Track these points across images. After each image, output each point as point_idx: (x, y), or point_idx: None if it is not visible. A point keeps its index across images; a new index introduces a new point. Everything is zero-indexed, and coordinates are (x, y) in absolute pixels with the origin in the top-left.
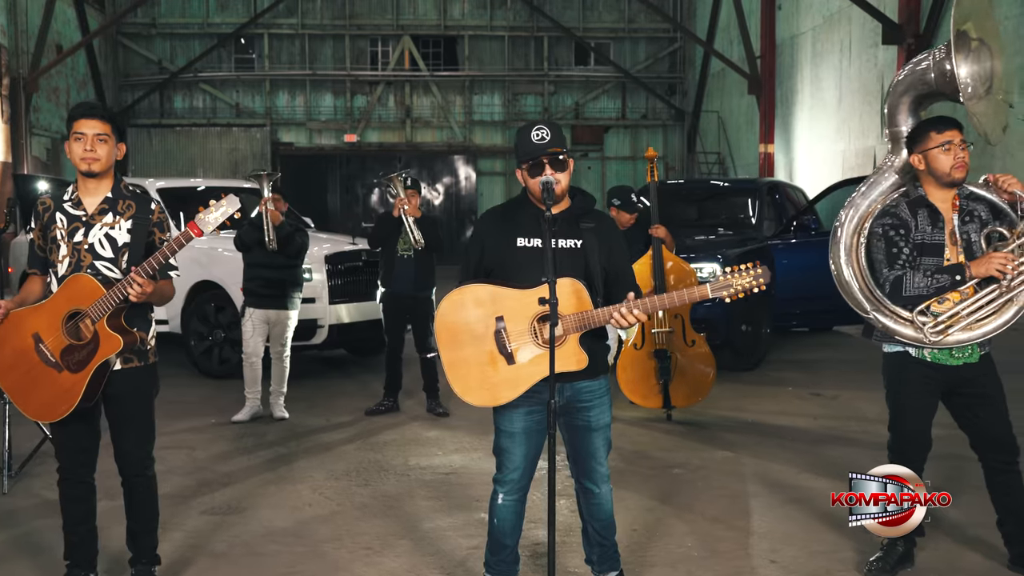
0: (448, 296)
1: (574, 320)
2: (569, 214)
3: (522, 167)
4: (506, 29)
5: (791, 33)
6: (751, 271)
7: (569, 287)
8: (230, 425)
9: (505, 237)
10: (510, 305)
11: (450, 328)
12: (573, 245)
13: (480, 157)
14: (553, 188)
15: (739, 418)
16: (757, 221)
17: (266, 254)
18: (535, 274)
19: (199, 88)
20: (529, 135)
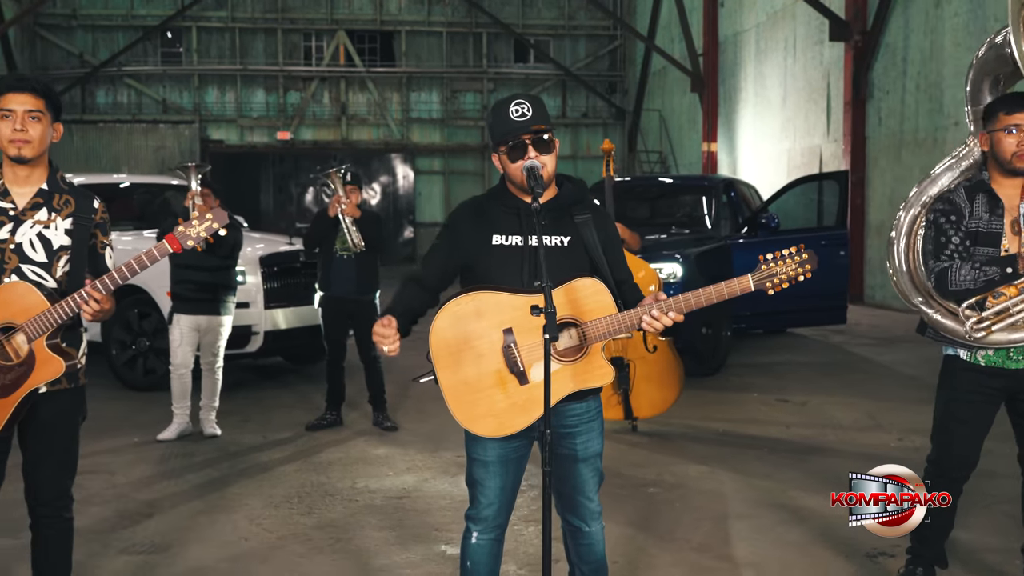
0: (445, 308)
1: (600, 326)
2: (556, 205)
3: (499, 150)
4: (444, 25)
5: (734, 30)
6: (796, 256)
7: (590, 288)
8: (155, 444)
9: (479, 234)
10: (520, 315)
11: (449, 346)
12: (560, 242)
13: (418, 155)
14: (539, 173)
15: (708, 428)
16: (714, 219)
17: (195, 254)
18: (513, 277)
19: (123, 83)
20: (507, 112)
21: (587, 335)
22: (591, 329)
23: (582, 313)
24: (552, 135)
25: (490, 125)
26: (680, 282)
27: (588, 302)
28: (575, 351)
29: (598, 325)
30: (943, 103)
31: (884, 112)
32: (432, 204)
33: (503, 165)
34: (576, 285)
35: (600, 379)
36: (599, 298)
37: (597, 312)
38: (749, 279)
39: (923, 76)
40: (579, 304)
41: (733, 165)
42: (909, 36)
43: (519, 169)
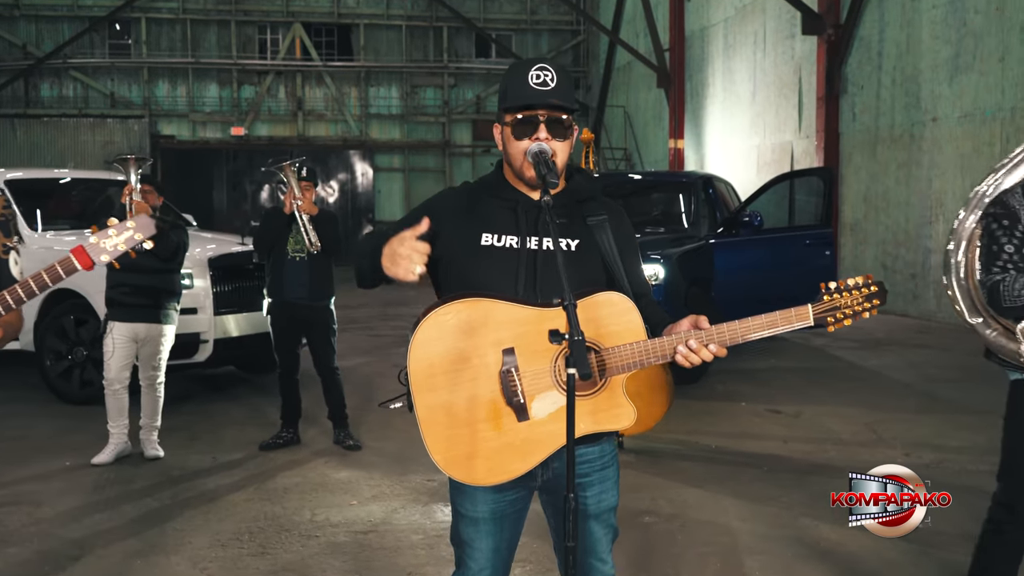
0: (431, 315)
1: (624, 355)
2: (564, 201)
3: (505, 121)
4: (403, 18)
5: (701, 25)
6: (864, 288)
7: (617, 306)
8: (89, 469)
9: (465, 231)
10: (526, 332)
11: (432, 364)
12: (567, 246)
13: (377, 152)
14: (549, 160)
15: (699, 444)
16: (693, 218)
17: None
18: (505, 286)
19: (69, 75)
20: (525, 74)
21: (607, 365)
22: (613, 358)
23: (602, 337)
24: (574, 119)
25: (502, 89)
26: (662, 284)
27: (611, 323)
28: (590, 384)
29: (622, 353)
30: (920, 98)
31: (859, 107)
32: (392, 202)
33: (504, 142)
34: (598, 301)
35: (620, 420)
36: (625, 319)
37: (621, 337)
38: (809, 311)
39: (899, 70)
40: (599, 325)
41: (701, 162)
42: (885, 29)
43: (522, 152)
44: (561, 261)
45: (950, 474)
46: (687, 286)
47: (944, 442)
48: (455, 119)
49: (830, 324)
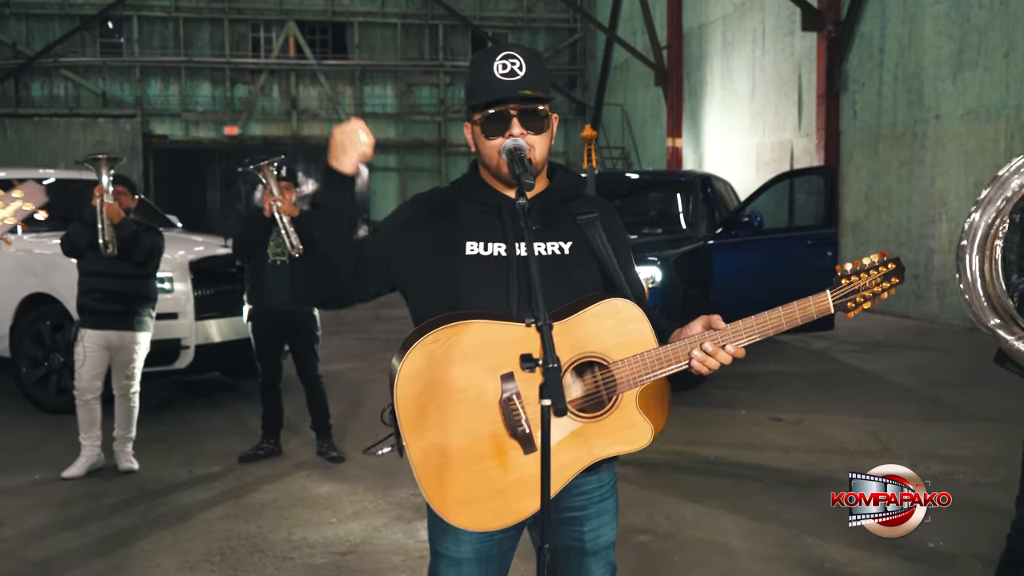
0: (416, 346)
1: (634, 367)
2: (549, 200)
3: (474, 119)
4: (398, 16)
5: (699, 22)
6: (880, 267)
7: (623, 313)
8: (59, 483)
9: (445, 240)
10: (523, 352)
11: (421, 400)
12: (559, 250)
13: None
14: (524, 157)
15: (697, 455)
16: (691, 218)
17: (105, 260)
18: (496, 301)
19: (60, 74)
20: (491, 65)
21: (617, 380)
22: (623, 371)
23: (609, 350)
24: (550, 109)
25: (467, 84)
26: (659, 287)
27: (618, 334)
28: (596, 404)
29: (633, 366)
30: (923, 95)
31: (860, 105)
32: (387, 202)
33: (475, 140)
34: (602, 310)
35: (636, 440)
36: (633, 328)
37: (630, 348)
38: (828, 298)
39: (901, 67)
40: (605, 337)
41: (699, 161)
42: (886, 25)
43: (496, 149)
44: (536, 273)
45: (961, 487)
46: (685, 289)
47: (951, 452)
48: (451, 118)
49: (850, 309)
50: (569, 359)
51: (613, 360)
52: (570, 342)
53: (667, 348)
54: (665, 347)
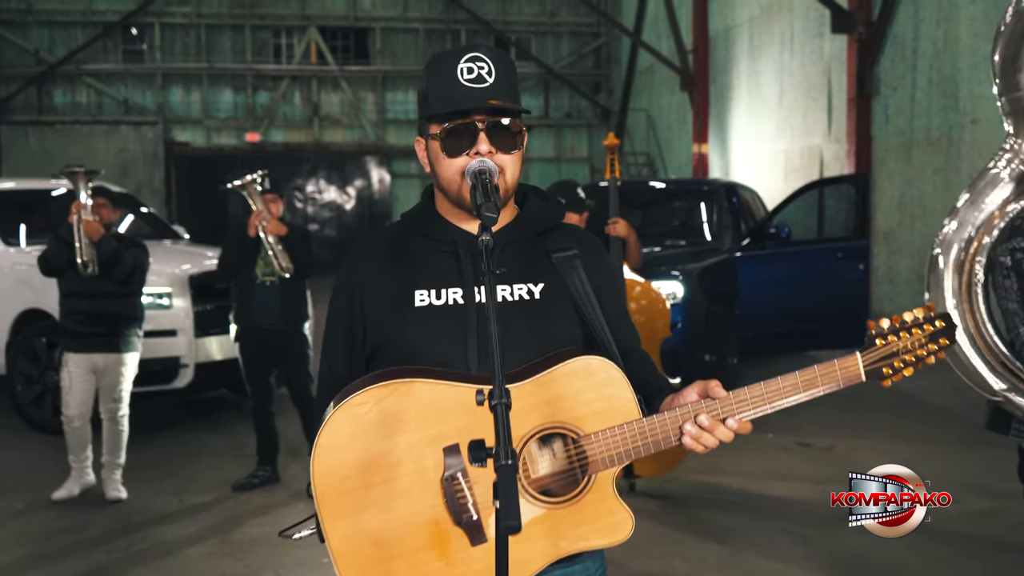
0: (339, 410)
1: (611, 442)
2: (519, 233)
3: (430, 133)
4: (421, 21)
5: (726, 25)
6: (926, 325)
7: (599, 374)
8: (42, 513)
9: (390, 288)
10: (472, 421)
11: (346, 477)
12: (527, 293)
13: (394, 158)
14: (490, 183)
15: (720, 486)
16: (715, 229)
17: (85, 280)
18: (453, 355)
19: (82, 82)
20: (454, 68)
21: (589, 458)
22: (596, 447)
23: (580, 420)
24: (522, 123)
25: (422, 91)
26: (681, 303)
27: (591, 399)
28: (568, 483)
29: (608, 441)
30: (959, 99)
31: (892, 109)
32: (409, 208)
33: (432, 161)
34: (571, 370)
35: (613, 532)
36: (609, 393)
37: (606, 417)
38: (858, 363)
39: (936, 70)
40: (575, 403)
41: (725, 167)
42: (920, 26)
43: (459, 171)
44: (496, 332)
45: (1011, 527)
46: (708, 304)
47: (997, 484)
48: None
49: (886, 377)
50: (532, 429)
51: (585, 433)
52: (536, 407)
53: (653, 420)
54: (650, 419)
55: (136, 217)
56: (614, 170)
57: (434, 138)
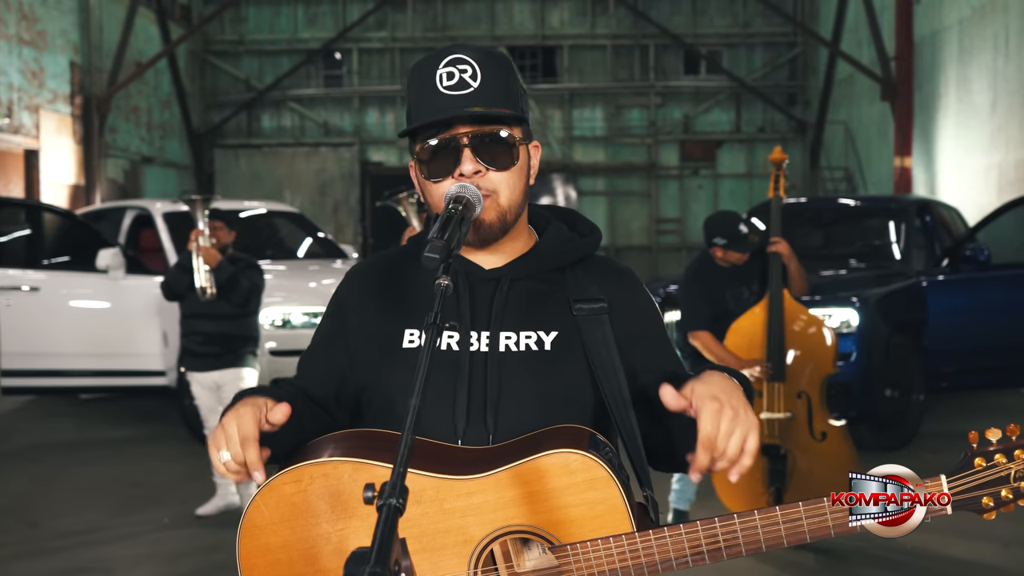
0: (271, 486)
1: (591, 560)
2: (529, 269)
3: (414, 152)
4: (609, 38)
5: (932, 29)
6: None
7: (580, 475)
8: (176, 532)
9: (380, 327)
10: (424, 511)
11: (273, 566)
12: (534, 345)
13: (580, 176)
14: (458, 213)
15: (891, 542)
16: (904, 250)
17: (204, 302)
18: (437, 413)
19: (287, 107)
20: (432, 75)
21: (563, 572)
22: (575, 562)
23: (557, 524)
24: (521, 133)
25: (407, 103)
26: (856, 333)
27: (571, 502)
28: None
29: (590, 556)
30: None
31: None
32: None
33: (421, 185)
34: (548, 466)
35: None
36: (591, 497)
37: (587, 525)
38: (943, 487)
39: None
40: (554, 506)
41: (931, 182)
42: None
43: (443, 196)
44: (416, 405)
45: None
46: (889, 333)
47: None
48: (661, 140)
49: (988, 510)
50: (499, 529)
51: (560, 542)
52: (509, 502)
53: (648, 537)
54: (645, 535)
55: (312, 239)
56: (778, 187)
57: (417, 159)
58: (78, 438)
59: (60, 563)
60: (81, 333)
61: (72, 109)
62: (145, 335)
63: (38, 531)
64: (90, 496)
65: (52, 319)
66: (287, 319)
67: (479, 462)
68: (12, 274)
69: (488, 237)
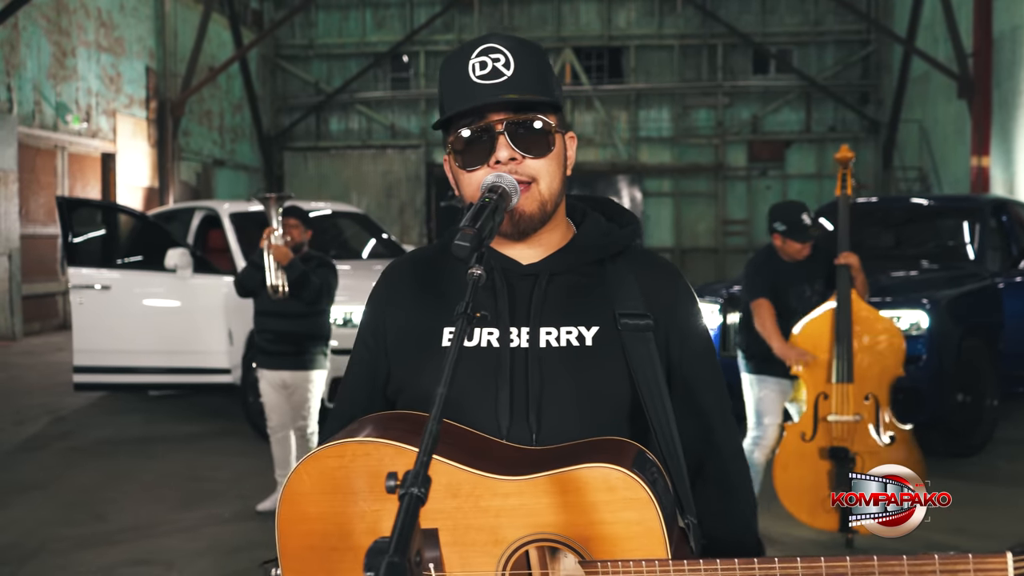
0: (312, 457)
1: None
2: (568, 263)
3: (448, 144)
4: (676, 37)
5: (1013, 24)
6: None
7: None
8: (236, 528)
9: (419, 323)
10: (459, 505)
11: (309, 536)
12: (575, 340)
13: (646, 177)
14: (493, 203)
15: (959, 549)
16: (978, 251)
17: (276, 300)
18: (479, 411)
19: (355, 109)
20: (464, 65)
21: None
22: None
23: (591, 539)
24: (557, 121)
25: (439, 95)
26: (926, 335)
27: (606, 518)
28: None
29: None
30: None
31: None
32: (661, 228)
33: (455, 177)
34: (589, 478)
35: None
36: (627, 517)
37: (621, 545)
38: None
39: None
40: (588, 520)
41: (1010, 182)
42: None
43: (478, 187)
44: (444, 394)
45: None
46: (961, 336)
47: None
48: (729, 140)
49: None
50: (532, 535)
51: (590, 557)
52: (545, 508)
53: (683, 567)
54: (679, 564)
55: (376, 240)
56: (846, 187)
57: (451, 150)
58: (146, 433)
59: (123, 554)
60: (150, 331)
61: (147, 113)
62: (211, 333)
63: (104, 523)
64: (155, 490)
65: (123, 317)
66: (348, 318)
67: (520, 464)
68: (86, 273)
69: (527, 228)
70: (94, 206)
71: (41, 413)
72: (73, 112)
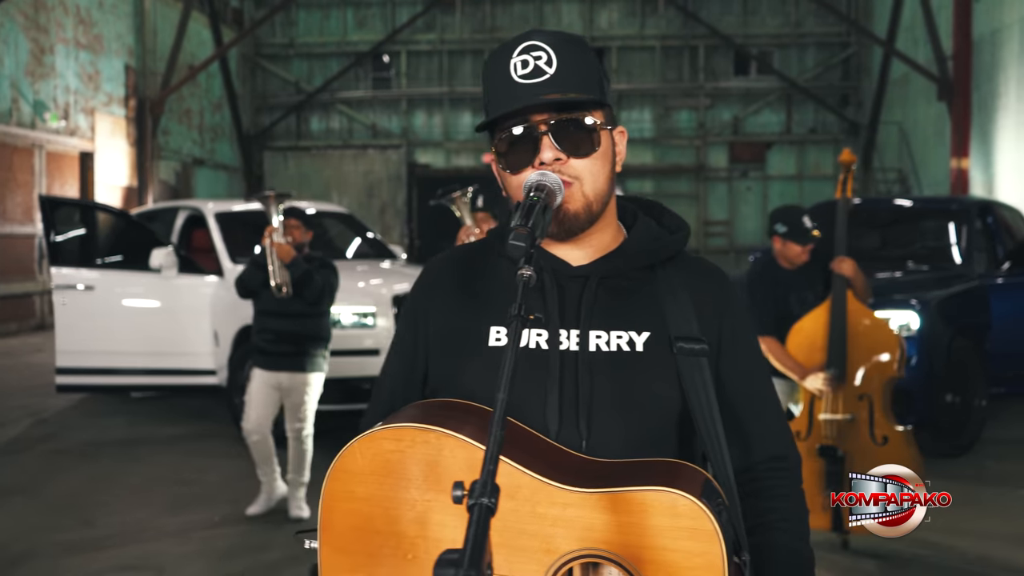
0: (366, 439)
1: None
2: (617, 266)
3: (494, 147)
4: (657, 39)
5: (992, 27)
6: None
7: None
8: (228, 530)
9: (463, 321)
10: (514, 507)
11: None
12: (625, 345)
13: (628, 178)
14: (540, 202)
15: (955, 549)
16: (965, 253)
17: (277, 299)
18: (528, 415)
19: (336, 109)
20: (507, 65)
21: None
22: None
23: (646, 563)
24: (603, 117)
25: (483, 96)
26: (916, 336)
27: (665, 544)
28: None
29: None
30: None
31: None
32: None
33: (500, 176)
34: (653, 500)
35: None
36: (689, 547)
37: (679, 571)
38: None
39: None
40: (646, 542)
41: (989, 184)
42: None
43: (521, 188)
44: (504, 399)
45: None
46: (951, 336)
47: None
48: (710, 141)
49: None
50: (586, 549)
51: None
52: (600, 525)
53: None
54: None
55: (361, 239)
56: (846, 189)
57: (496, 151)
58: (130, 436)
59: (112, 560)
60: (134, 332)
61: (126, 112)
62: (196, 334)
63: (92, 528)
64: (142, 494)
65: (107, 318)
66: (336, 319)
67: (582, 474)
68: (67, 273)
69: (573, 228)
70: (77, 205)
71: (22, 415)
72: (51, 110)
